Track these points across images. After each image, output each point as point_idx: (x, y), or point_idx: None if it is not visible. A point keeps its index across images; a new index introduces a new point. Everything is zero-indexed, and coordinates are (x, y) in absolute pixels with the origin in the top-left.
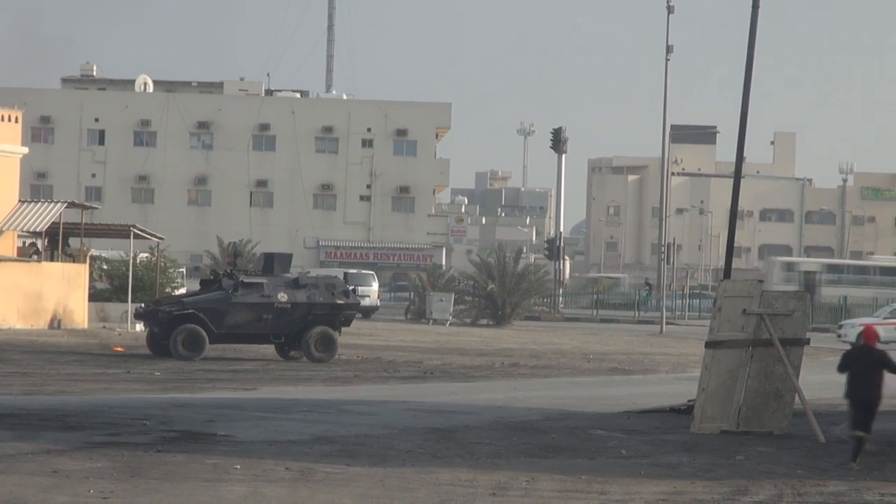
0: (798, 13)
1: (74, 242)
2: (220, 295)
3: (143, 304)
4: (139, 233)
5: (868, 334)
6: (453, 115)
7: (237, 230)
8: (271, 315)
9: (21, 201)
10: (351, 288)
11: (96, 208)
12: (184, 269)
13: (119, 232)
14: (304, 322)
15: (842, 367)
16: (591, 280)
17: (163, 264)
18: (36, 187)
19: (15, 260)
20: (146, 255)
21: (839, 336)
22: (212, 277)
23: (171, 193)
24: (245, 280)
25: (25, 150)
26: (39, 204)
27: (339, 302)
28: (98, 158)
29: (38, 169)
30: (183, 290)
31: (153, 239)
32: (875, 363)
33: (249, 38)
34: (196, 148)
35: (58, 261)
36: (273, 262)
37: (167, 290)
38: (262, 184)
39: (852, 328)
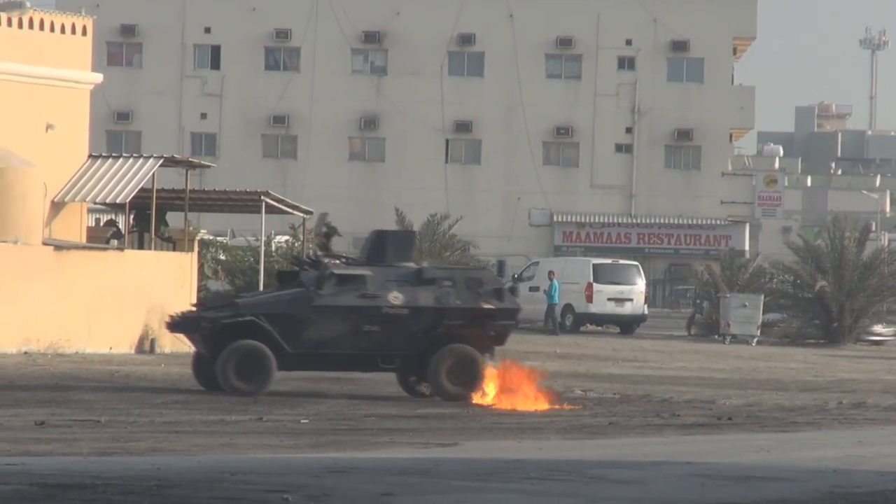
0: None
1: (175, 220)
2: (297, 293)
3: (191, 308)
4: (275, 204)
5: None
6: (759, 21)
7: (426, 198)
8: (377, 326)
9: (92, 156)
10: (508, 285)
11: (209, 167)
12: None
13: (244, 203)
14: (430, 337)
15: None
16: None
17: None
18: (116, 134)
19: (84, 247)
20: (287, 238)
21: None
22: (296, 268)
23: (323, 143)
24: (336, 272)
25: (100, 77)
26: (121, 161)
27: (487, 306)
28: (211, 90)
29: (119, 107)
30: None
31: (297, 213)
32: None
33: None
34: (362, 73)
35: (150, 248)
36: (385, 245)
37: None
38: (463, 127)
39: None
